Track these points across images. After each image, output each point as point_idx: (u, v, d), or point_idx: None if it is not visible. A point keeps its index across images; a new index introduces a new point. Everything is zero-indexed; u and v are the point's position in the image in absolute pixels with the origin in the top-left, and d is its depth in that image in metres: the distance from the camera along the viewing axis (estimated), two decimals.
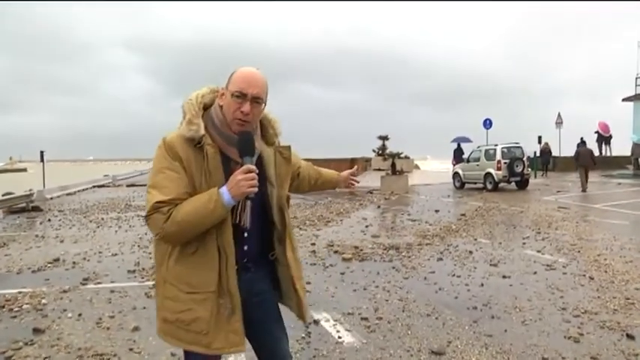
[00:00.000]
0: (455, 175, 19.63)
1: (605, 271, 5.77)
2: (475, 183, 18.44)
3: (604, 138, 28.23)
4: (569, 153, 19.96)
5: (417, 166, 33.89)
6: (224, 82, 1.80)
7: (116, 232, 9.66)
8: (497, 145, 17.88)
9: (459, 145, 24.16)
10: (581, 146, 18.16)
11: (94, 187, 23.77)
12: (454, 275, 5.79)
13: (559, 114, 27.18)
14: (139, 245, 8.00)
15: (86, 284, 5.65)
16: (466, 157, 19.76)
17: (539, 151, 24.58)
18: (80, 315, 4.53)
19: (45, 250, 7.84)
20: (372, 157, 22.99)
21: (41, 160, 21.56)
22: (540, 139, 25.40)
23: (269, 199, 1.84)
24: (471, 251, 7.11)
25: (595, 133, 28.34)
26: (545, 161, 24.53)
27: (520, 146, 17.89)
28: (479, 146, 19.57)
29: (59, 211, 13.57)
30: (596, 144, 28.10)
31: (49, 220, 11.82)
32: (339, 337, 3.89)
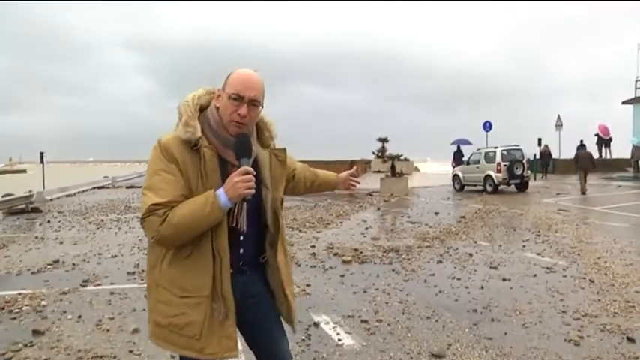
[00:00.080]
0: (454, 178, 19.65)
1: (606, 274, 5.77)
2: (475, 185, 18.45)
3: (604, 141, 28.28)
4: (569, 155, 20.02)
5: (416, 169, 33.86)
6: (222, 83, 1.77)
7: (116, 233, 9.65)
8: (497, 148, 17.90)
9: (458, 148, 24.19)
10: (581, 149, 18.20)
11: (93, 188, 23.75)
12: (454, 278, 5.79)
13: (559, 116, 27.24)
14: (138, 247, 7.99)
15: (86, 286, 5.65)
16: (466, 160, 19.77)
17: (539, 154, 24.61)
18: (80, 316, 4.53)
19: (45, 252, 7.84)
20: (372, 160, 22.99)
21: (41, 162, 21.57)
22: (540, 141, 25.43)
23: (264, 202, 1.83)
24: (471, 254, 7.11)
25: (595, 135, 28.40)
26: (545, 164, 24.54)
27: (520, 149, 17.90)
28: (479, 149, 19.59)
29: (59, 213, 13.56)
30: (596, 147, 28.15)
31: (48, 222, 11.80)
32: (339, 340, 3.89)
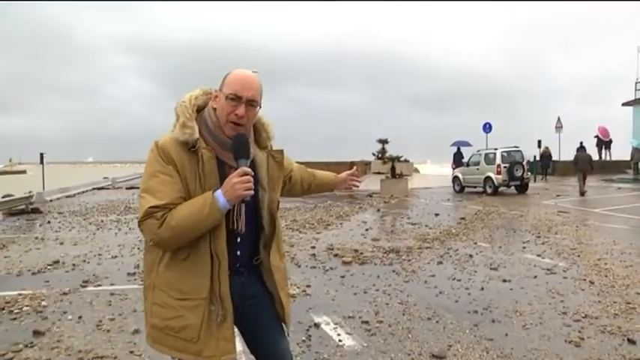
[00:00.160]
0: (454, 179, 19.64)
1: (606, 276, 5.77)
2: (475, 187, 18.44)
3: (604, 142, 28.31)
4: (569, 157, 20.02)
5: (416, 170, 33.89)
6: (219, 84, 1.75)
7: (116, 234, 9.65)
8: (497, 149, 17.90)
9: (458, 149, 24.19)
10: (581, 151, 18.23)
11: (93, 189, 23.73)
12: (454, 279, 5.79)
13: (559, 118, 27.29)
14: (138, 248, 7.98)
15: (86, 286, 5.65)
16: (466, 161, 19.77)
17: (539, 155, 24.63)
18: (80, 317, 4.53)
19: (45, 252, 7.83)
20: (372, 161, 23.01)
21: (41, 162, 21.57)
22: (540, 143, 25.47)
23: (260, 203, 1.81)
24: (471, 255, 7.11)
25: (595, 137, 28.44)
26: (545, 165, 24.56)
27: (520, 150, 17.91)
28: (479, 150, 19.60)
29: (59, 214, 13.55)
30: (596, 148, 28.19)
31: (48, 222, 11.80)
32: (339, 341, 3.89)
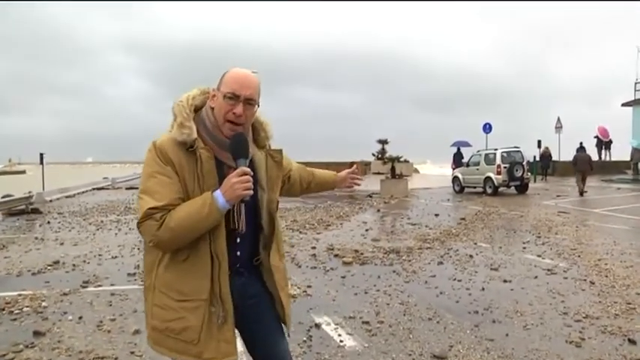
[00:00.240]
0: (454, 180, 19.64)
1: (606, 276, 5.77)
2: (475, 187, 18.44)
3: (603, 142, 28.33)
4: (568, 157, 20.02)
5: (416, 170, 33.90)
6: (217, 83, 1.74)
7: (116, 234, 9.64)
8: (496, 150, 17.91)
9: (458, 149, 24.20)
10: (580, 151, 18.24)
11: (93, 189, 23.72)
12: (455, 279, 5.79)
13: (558, 118, 27.30)
14: (138, 248, 7.97)
15: (86, 287, 5.64)
16: (466, 162, 19.78)
17: (538, 156, 24.64)
18: (81, 318, 4.52)
19: (45, 253, 7.82)
20: (372, 161, 23.00)
21: (40, 163, 21.54)
22: (540, 143, 25.48)
23: (259, 203, 1.79)
24: (472, 255, 7.11)
25: (594, 137, 28.46)
26: (545, 165, 24.57)
27: (520, 150, 17.91)
28: (478, 150, 19.60)
29: (59, 214, 13.54)
30: (596, 148, 28.22)
31: (48, 223, 11.78)
32: (340, 341, 3.89)
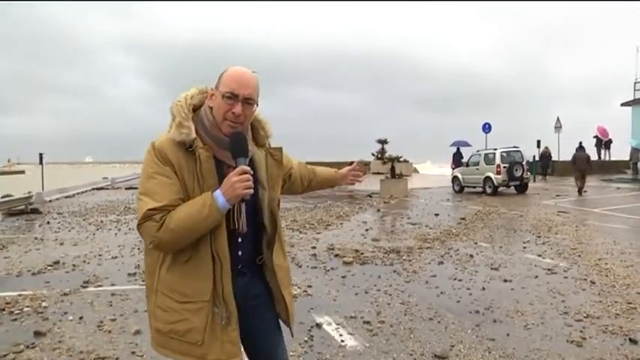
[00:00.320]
0: (454, 179, 19.64)
1: (606, 276, 5.77)
2: (474, 187, 18.45)
3: (603, 142, 28.36)
4: (568, 157, 20.04)
5: (415, 170, 33.91)
6: (216, 82, 1.73)
7: (116, 234, 9.63)
8: (496, 150, 17.91)
9: (458, 149, 24.22)
10: (579, 151, 18.27)
11: (92, 189, 23.71)
12: (455, 279, 5.79)
13: (558, 118, 27.32)
14: (138, 248, 7.96)
15: (87, 287, 5.64)
16: (465, 161, 19.78)
17: (538, 155, 24.65)
18: (81, 318, 4.52)
19: (44, 253, 7.82)
20: (372, 161, 23.00)
21: (40, 163, 21.52)
22: (539, 143, 25.50)
23: (260, 202, 1.78)
24: (472, 255, 7.11)
25: (594, 137, 28.49)
26: (545, 165, 24.60)
27: (519, 150, 17.91)
28: (478, 150, 19.61)
29: (58, 214, 13.52)
30: (595, 148, 28.24)
31: (48, 223, 11.77)
32: (341, 341, 3.89)
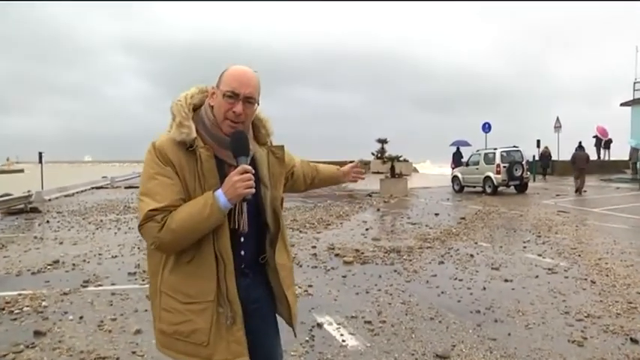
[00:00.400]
0: (454, 179, 19.64)
1: (607, 275, 5.77)
2: (474, 186, 18.44)
3: (603, 142, 28.37)
4: (568, 157, 20.06)
5: (415, 170, 33.91)
6: (216, 81, 1.71)
7: (115, 233, 9.62)
8: (496, 149, 17.90)
9: (458, 149, 24.21)
10: (579, 150, 18.29)
11: (92, 188, 23.68)
12: (456, 279, 5.78)
13: (557, 118, 27.32)
14: (139, 247, 7.96)
15: (87, 286, 5.63)
16: (465, 161, 19.78)
17: (538, 155, 24.65)
18: (81, 317, 4.51)
19: (44, 252, 7.80)
20: (371, 160, 22.99)
21: (39, 162, 21.50)
22: (539, 142, 25.50)
23: (263, 201, 1.76)
24: (472, 255, 7.10)
25: (593, 137, 28.49)
26: (545, 165, 24.60)
27: (519, 150, 17.91)
28: (478, 150, 19.60)
29: (58, 213, 13.50)
30: (595, 148, 28.25)
31: (47, 222, 11.75)
32: (343, 341, 3.88)
